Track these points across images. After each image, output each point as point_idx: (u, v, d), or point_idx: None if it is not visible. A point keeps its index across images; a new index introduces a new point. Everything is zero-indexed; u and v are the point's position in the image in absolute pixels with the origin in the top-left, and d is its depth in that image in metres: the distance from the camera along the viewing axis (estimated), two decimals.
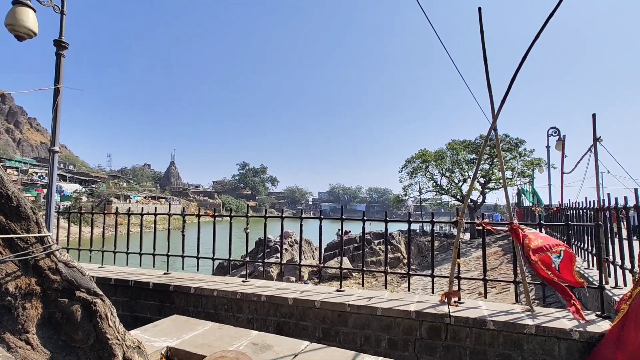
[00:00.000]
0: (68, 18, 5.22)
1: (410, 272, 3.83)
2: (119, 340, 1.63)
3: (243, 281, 4.40)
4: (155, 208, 5.20)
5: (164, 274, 4.80)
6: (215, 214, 4.74)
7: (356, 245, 20.71)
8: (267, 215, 4.43)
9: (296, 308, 3.69)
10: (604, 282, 3.39)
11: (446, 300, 3.48)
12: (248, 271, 4.65)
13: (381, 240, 21.52)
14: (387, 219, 4.02)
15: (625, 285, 3.46)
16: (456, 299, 3.51)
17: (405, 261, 21.00)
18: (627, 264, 3.29)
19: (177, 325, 2.77)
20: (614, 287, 3.49)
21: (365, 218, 4.07)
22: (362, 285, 4.32)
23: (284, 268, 4.67)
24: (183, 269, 4.86)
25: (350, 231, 26.39)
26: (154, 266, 5.03)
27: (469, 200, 31.08)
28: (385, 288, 3.96)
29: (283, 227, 4.55)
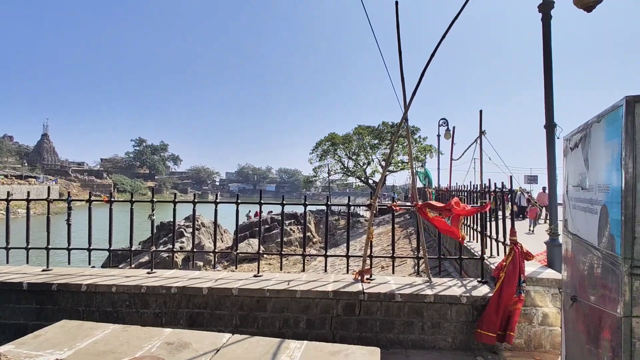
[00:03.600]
0: None
1: (327, 254, 3.96)
2: None
3: (148, 273, 3.97)
4: (28, 193, 4.30)
5: (43, 270, 4.02)
6: (112, 198, 4.12)
7: (267, 226, 20.72)
8: (177, 199, 4.03)
9: (211, 297, 3.50)
10: (483, 253, 4.06)
11: (360, 278, 3.71)
12: (147, 259, 4.21)
13: (292, 220, 21.95)
14: (306, 202, 4.06)
15: (498, 254, 4.20)
16: (368, 275, 3.78)
17: (315, 240, 21.94)
18: (501, 238, 3.99)
19: (68, 332, 2.35)
20: (490, 257, 4.19)
21: (284, 202, 4.03)
22: (281, 269, 4.33)
23: (193, 253, 4.35)
24: (69, 263, 4.14)
25: (262, 212, 26.21)
26: (27, 262, 4.17)
27: (372, 182, 33.81)
28: (304, 270, 4.04)
29: (195, 213, 4.22)
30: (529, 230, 11.69)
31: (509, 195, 3.72)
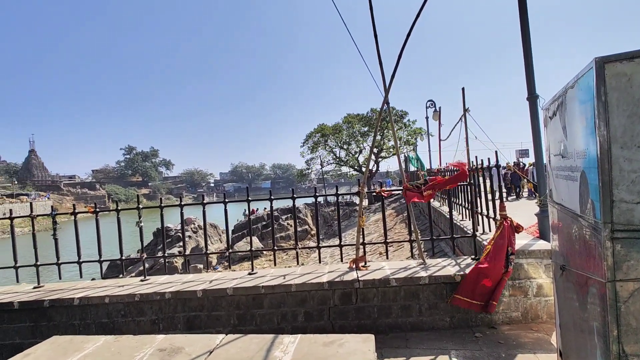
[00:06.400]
0: None
1: (320, 245, 3.94)
2: None
3: (142, 280, 3.92)
4: (11, 211, 4.23)
5: (34, 288, 3.96)
6: (97, 208, 4.05)
7: (264, 223, 20.69)
8: (163, 204, 3.97)
9: (207, 299, 3.47)
10: (475, 231, 4.07)
11: (354, 266, 3.70)
12: (147, 266, 4.17)
13: (288, 215, 21.94)
14: (294, 195, 4.02)
15: (490, 230, 4.21)
16: (363, 263, 3.77)
17: (313, 232, 21.96)
18: (492, 214, 3.99)
19: (58, 348, 2.31)
20: (482, 234, 4.21)
21: (272, 197, 3.99)
22: (275, 264, 4.31)
23: (189, 257, 4.32)
24: (60, 278, 4.08)
25: (257, 209, 26.17)
26: (18, 281, 4.10)
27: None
28: (297, 263, 4.02)
29: (183, 216, 4.16)
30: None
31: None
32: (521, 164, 13.31)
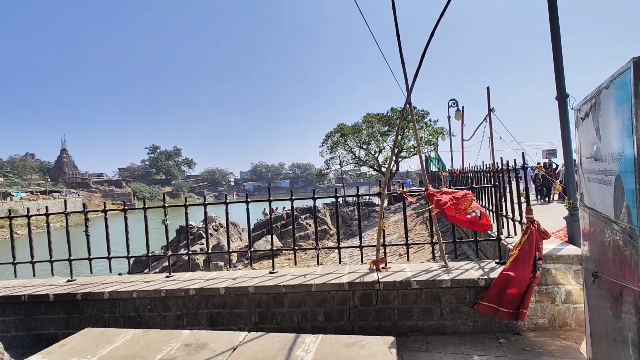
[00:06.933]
0: None
1: (340, 246, 3.94)
2: None
3: (167, 276, 4.05)
4: (47, 207, 4.44)
5: (68, 281, 4.16)
6: (126, 206, 4.21)
7: (283, 222, 20.84)
8: (187, 203, 4.08)
9: (229, 297, 3.54)
10: (500, 234, 3.96)
11: (375, 268, 3.69)
12: (171, 262, 4.29)
13: (308, 214, 22.02)
14: (315, 195, 4.05)
15: (515, 234, 4.09)
16: (383, 264, 3.75)
17: (332, 232, 21.97)
18: (517, 217, 3.88)
19: (91, 340, 2.42)
20: (507, 237, 4.09)
21: (293, 197, 4.03)
22: (295, 264, 4.34)
23: (210, 254, 4.42)
24: (91, 272, 4.26)
25: (276, 208, 26.43)
26: (52, 274, 4.32)
27: (385, 170, 33.48)
28: (318, 263, 4.04)
29: (206, 215, 4.27)
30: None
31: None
32: (553, 164, 12.28)
